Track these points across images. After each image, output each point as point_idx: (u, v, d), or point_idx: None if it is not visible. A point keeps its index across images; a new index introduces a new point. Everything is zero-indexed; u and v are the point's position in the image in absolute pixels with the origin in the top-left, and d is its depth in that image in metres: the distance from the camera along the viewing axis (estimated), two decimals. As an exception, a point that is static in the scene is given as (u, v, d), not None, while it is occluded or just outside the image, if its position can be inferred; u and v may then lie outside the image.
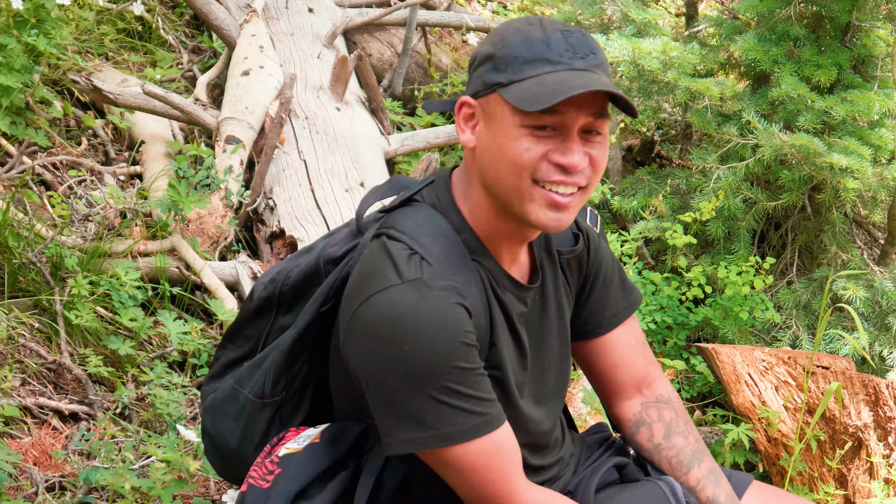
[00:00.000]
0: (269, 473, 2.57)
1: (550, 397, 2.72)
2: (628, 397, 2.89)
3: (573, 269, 2.75)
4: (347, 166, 5.04)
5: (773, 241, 5.56)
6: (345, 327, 2.42)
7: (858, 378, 4.13)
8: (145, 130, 5.34)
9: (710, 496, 2.78)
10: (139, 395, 3.85)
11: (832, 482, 4.21)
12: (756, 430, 4.25)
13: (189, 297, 4.37)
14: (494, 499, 2.45)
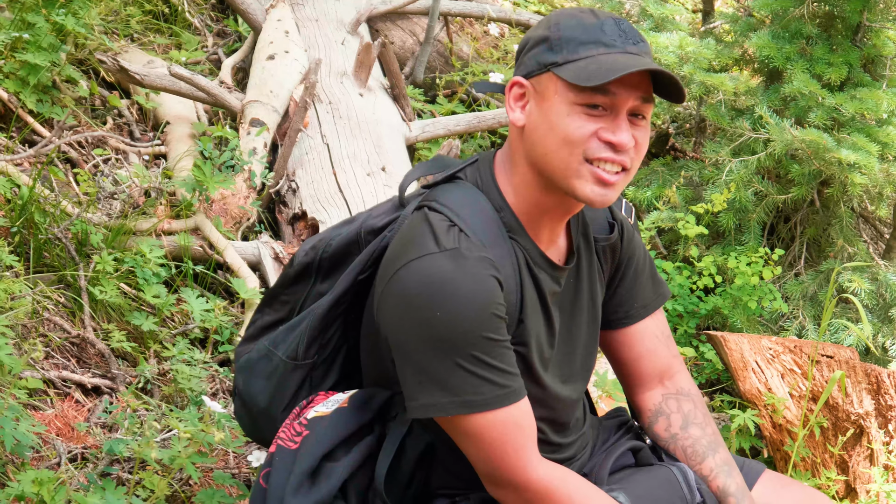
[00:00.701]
0: (297, 435, 2.65)
1: (576, 378, 2.79)
2: (650, 388, 2.95)
3: (607, 256, 2.82)
4: (369, 151, 5.13)
5: (783, 234, 5.64)
6: (380, 291, 2.51)
7: (861, 367, 4.22)
8: (170, 111, 5.42)
9: (721, 486, 2.84)
10: (161, 371, 3.92)
11: (834, 468, 4.31)
12: (762, 416, 4.34)
13: (212, 276, 4.44)
14: (508, 470, 2.52)
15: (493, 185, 2.58)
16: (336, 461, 2.63)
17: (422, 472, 2.71)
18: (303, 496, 2.57)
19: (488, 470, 2.54)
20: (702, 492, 2.82)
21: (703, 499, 2.82)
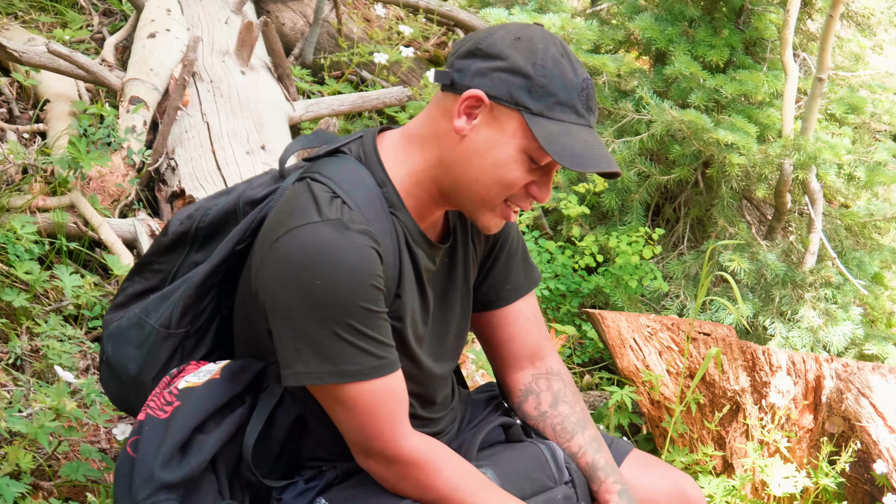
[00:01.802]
0: (167, 404, 2.62)
1: (447, 357, 2.80)
2: (521, 368, 2.96)
3: (481, 238, 2.84)
4: (249, 129, 5.10)
5: (667, 215, 5.71)
6: (259, 258, 2.51)
7: (737, 344, 4.28)
8: (51, 90, 5.33)
9: (590, 461, 2.85)
10: (33, 347, 3.87)
11: (711, 443, 4.36)
12: (640, 392, 4.38)
13: (87, 253, 4.40)
14: (380, 441, 2.53)
15: (376, 160, 2.59)
16: (207, 433, 2.61)
17: (292, 443, 2.70)
18: (172, 470, 2.55)
19: (360, 440, 2.55)
20: (570, 470, 2.84)
21: (571, 477, 2.83)
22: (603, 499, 2.82)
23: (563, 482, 2.82)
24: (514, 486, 2.71)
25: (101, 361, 2.85)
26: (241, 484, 2.68)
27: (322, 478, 2.70)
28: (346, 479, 2.70)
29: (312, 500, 2.68)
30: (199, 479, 2.59)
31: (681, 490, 3.00)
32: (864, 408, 4.03)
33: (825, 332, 5.04)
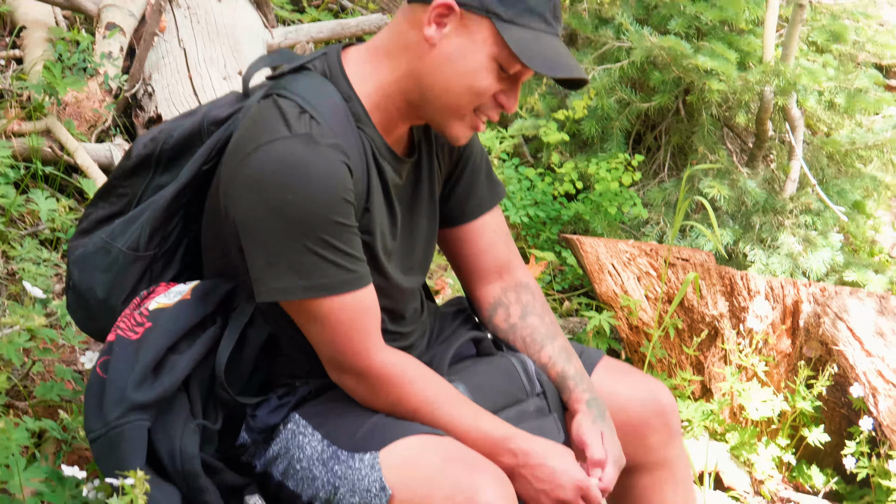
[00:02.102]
0: (138, 325, 2.62)
1: (416, 270, 2.81)
2: (489, 282, 2.95)
3: (445, 153, 2.83)
4: (227, 56, 5.06)
5: (649, 142, 5.69)
6: (228, 175, 2.50)
7: (716, 270, 4.29)
8: (27, 16, 5.27)
9: (560, 371, 2.86)
10: (9, 271, 3.86)
11: (689, 368, 4.38)
12: (618, 318, 4.39)
13: (63, 178, 4.38)
14: (352, 355, 2.55)
15: (341, 75, 2.58)
16: (180, 353, 2.61)
17: (264, 362, 2.71)
18: (146, 390, 2.55)
19: (332, 355, 2.57)
20: (541, 382, 2.85)
21: (542, 389, 2.85)
22: (573, 408, 2.83)
23: (534, 394, 2.83)
24: (486, 400, 2.72)
25: (67, 288, 2.84)
26: (214, 403, 2.68)
27: (295, 394, 2.71)
28: (319, 395, 2.71)
29: (286, 416, 2.69)
30: (171, 399, 2.59)
31: (653, 396, 3.00)
32: (841, 332, 4.05)
33: (805, 258, 5.05)
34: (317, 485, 2.64)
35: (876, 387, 3.94)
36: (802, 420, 4.25)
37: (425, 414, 2.61)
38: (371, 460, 2.56)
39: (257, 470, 2.74)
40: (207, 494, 2.58)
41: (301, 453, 2.67)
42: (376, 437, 2.58)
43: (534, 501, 2.65)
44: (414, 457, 2.55)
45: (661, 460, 3.02)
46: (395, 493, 2.53)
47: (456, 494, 2.45)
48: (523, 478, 2.62)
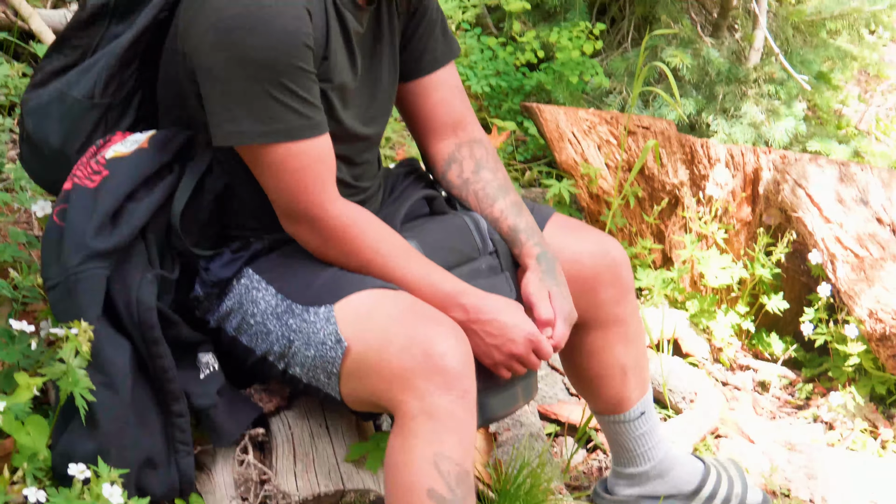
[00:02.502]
0: (95, 174, 2.63)
1: (376, 121, 2.82)
2: (443, 138, 2.96)
3: (403, 3, 2.83)
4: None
5: (612, 13, 5.62)
6: (188, 20, 2.51)
7: (676, 138, 4.27)
8: None
9: (512, 225, 2.88)
10: (-36, 140, 3.81)
11: (650, 237, 4.38)
12: (579, 186, 4.38)
13: (17, 44, 4.31)
14: (306, 203, 2.56)
15: None
16: (137, 201, 2.63)
17: (220, 212, 2.73)
18: (104, 238, 2.58)
19: (286, 203, 2.58)
20: (494, 240, 2.86)
21: (495, 247, 2.85)
22: (523, 262, 2.85)
23: (486, 252, 2.84)
24: (438, 257, 2.73)
25: (21, 140, 2.83)
26: (171, 254, 2.71)
27: (249, 248, 2.73)
28: (273, 250, 2.74)
29: (239, 270, 2.72)
30: (129, 248, 2.62)
31: (605, 251, 3.02)
32: (800, 198, 4.05)
33: (768, 127, 5.02)
34: (271, 339, 2.66)
35: (834, 253, 3.95)
36: (762, 288, 4.27)
37: (377, 267, 2.62)
38: (326, 313, 2.58)
39: (211, 325, 2.75)
40: (160, 346, 2.61)
41: (255, 308, 2.68)
42: (331, 291, 2.59)
43: (485, 356, 2.66)
44: (369, 309, 2.56)
45: (612, 317, 3.04)
46: (350, 346, 2.54)
47: (412, 346, 2.47)
48: (474, 333, 2.63)
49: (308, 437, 2.85)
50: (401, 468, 2.47)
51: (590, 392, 3.24)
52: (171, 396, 2.65)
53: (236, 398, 2.82)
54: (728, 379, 4.22)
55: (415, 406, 2.46)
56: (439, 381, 2.45)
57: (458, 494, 2.44)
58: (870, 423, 4.07)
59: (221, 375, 2.77)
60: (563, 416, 3.77)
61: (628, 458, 3.29)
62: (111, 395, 2.56)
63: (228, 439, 2.77)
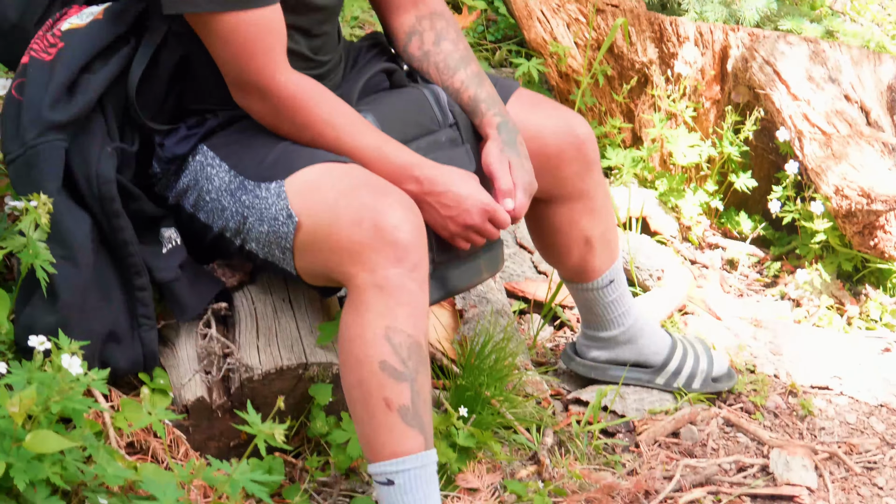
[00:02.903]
0: (51, 46, 2.63)
1: None
2: (404, 11, 2.93)
3: None
4: None
5: None
6: None
7: (645, 16, 4.23)
8: None
9: (472, 95, 2.86)
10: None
11: (619, 116, 4.37)
12: (548, 65, 4.36)
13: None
14: (256, 73, 2.56)
15: None
16: (93, 73, 2.63)
17: (176, 87, 2.72)
18: (61, 110, 2.58)
19: (235, 73, 2.59)
20: (454, 113, 2.84)
21: (455, 120, 2.84)
22: (484, 132, 2.84)
23: (447, 125, 2.83)
24: (395, 130, 2.72)
25: None
26: (130, 128, 2.71)
27: (204, 125, 2.73)
28: (228, 127, 2.73)
29: (194, 146, 2.72)
30: (88, 120, 2.62)
31: (570, 128, 3.01)
32: (768, 76, 4.03)
33: (738, 6, 4.97)
34: (226, 215, 2.66)
35: (802, 130, 3.95)
36: (730, 166, 4.27)
37: (329, 139, 2.61)
38: (277, 189, 2.58)
39: (170, 202, 2.76)
40: (121, 219, 2.62)
41: (209, 185, 2.68)
42: (282, 166, 2.59)
43: (441, 229, 2.67)
44: (319, 184, 2.56)
45: (576, 191, 3.05)
46: (301, 220, 2.55)
47: (361, 219, 2.47)
48: (429, 205, 2.63)
49: (271, 311, 2.86)
50: (354, 341, 2.48)
51: (557, 262, 3.27)
52: (132, 270, 2.66)
53: (199, 273, 2.83)
54: (696, 257, 4.24)
55: (366, 279, 2.47)
56: (390, 253, 2.46)
57: (409, 366, 2.46)
58: (836, 300, 4.10)
59: (184, 250, 2.78)
60: (529, 293, 3.79)
61: (598, 324, 3.33)
62: (71, 267, 2.57)
63: (191, 313, 2.79)
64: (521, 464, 3.10)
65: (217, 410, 2.76)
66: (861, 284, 4.16)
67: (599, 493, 3.01)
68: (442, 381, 3.20)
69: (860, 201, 3.82)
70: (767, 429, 3.46)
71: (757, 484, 3.22)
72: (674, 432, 3.37)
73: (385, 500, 2.50)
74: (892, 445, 3.47)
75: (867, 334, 4.01)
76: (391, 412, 2.45)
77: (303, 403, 2.86)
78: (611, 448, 3.29)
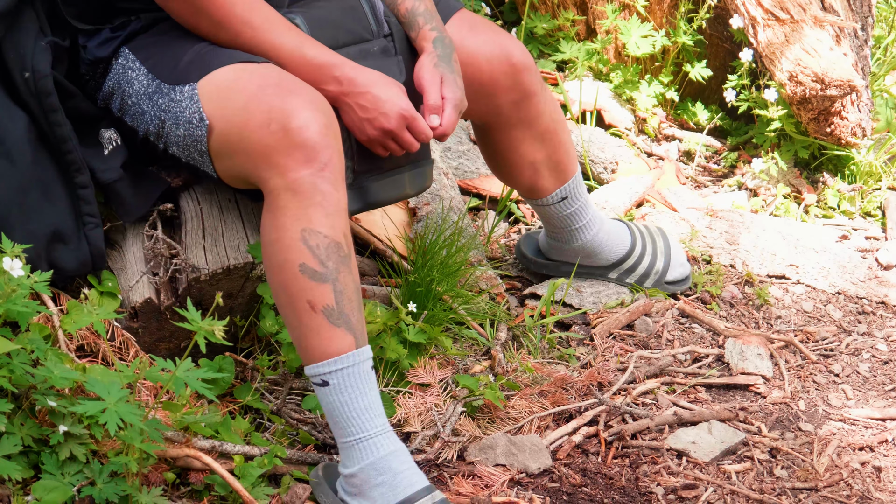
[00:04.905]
0: None
1: None
2: None
3: None
4: None
5: None
6: None
7: None
8: None
9: (410, 8, 2.80)
10: None
11: (573, 8, 4.31)
12: (499, -42, 4.29)
13: None
14: None
15: None
16: None
17: None
18: None
19: None
20: (390, 24, 2.79)
21: (390, 31, 2.79)
22: (419, 46, 2.79)
23: (380, 35, 2.78)
24: (326, 35, 2.67)
25: None
26: (59, 25, 2.67)
27: (127, 28, 2.69)
28: (149, 29, 2.70)
29: (116, 49, 2.68)
30: (19, 14, 2.58)
31: (504, 54, 2.97)
32: (721, -38, 3.98)
33: None
34: (146, 119, 2.64)
35: (755, 17, 3.90)
36: (685, 56, 4.23)
37: (247, 38, 2.57)
38: (190, 92, 2.55)
39: (99, 104, 2.73)
40: (58, 114, 2.59)
41: (130, 88, 2.66)
42: (196, 68, 2.56)
43: (359, 132, 2.64)
44: (230, 85, 2.52)
45: (514, 120, 3.04)
46: (212, 124, 2.52)
47: (270, 121, 2.44)
48: (348, 106, 2.60)
49: (217, 211, 2.84)
50: (273, 245, 2.47)
51: (507, 181, 3.31)
52: (73, 167, 2.63)
53: (142, 173, 2.80)
54: (653, 149, 4.22)
55: (278, 183, 2.45)
56: (299, 155, 2.43)
57: (329, 267, 2.44)
58: (793, 189, 4.10)
59: (125, 150, 2.74)
60: (484, 190, 3.77)
61: (558, 235, 3.33)
62: (8, 164, 2.55)
63: (136, 214, 2.77)
64: (475, 359, 3.10)
65: (165, 312, 2.74)
66: (818, 172, 4.16)
67: (552, 386, 3.02)
68: (394, 278, 3.18)
69: (814, 87, 3.80)
70: (723, 319, 3.46)
71: (712, 374, 3.23)
72: (628, 324, 3.37)
73: (323, 400, 2.50)
74: (848, 333, 3.49)
75: (825, 222, 4.01)
76: (316, 314, 2.44)
77: (252, 303, 2.85)
78: (565, 341, 3.29)
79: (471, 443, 2.84)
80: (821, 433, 3.05)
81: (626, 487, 2.79)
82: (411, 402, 2.87)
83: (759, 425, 3.05)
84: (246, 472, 2.54)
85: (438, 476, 2.75)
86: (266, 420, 2.83)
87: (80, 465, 2.35)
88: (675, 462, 2.90)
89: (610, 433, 2.94)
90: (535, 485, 2.77)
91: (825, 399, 3.21)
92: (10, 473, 2.23)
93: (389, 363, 2.89)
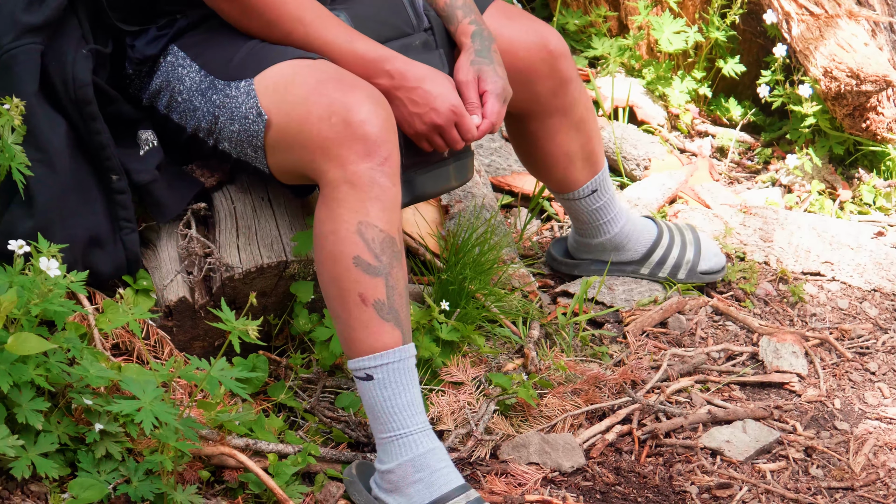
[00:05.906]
0: None
1: None
2: None
3: None
4: None
5: None
6: None
7: None
8: None
9: (448, 1, 2.83)
10: None
11: (605, 4, 4.30)
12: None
13: None
14: None
15: None
16: None
17: None
18: (35, 12, 2.57)
19: None
20: (430, 18, 2.81)
21: (430, 24, 2.81)
22: (458, 40, 2.81)
23: (421, 29, 2.80)
24: (369, 30, 2.70)
25: None
26: (103, 30, 2.69)
27: (174, 26, 2.71)
28: (198, 27, 2.71)
29: (165, 47, 2.71)
30: (62, 23, 2.60)
31: (542, 41, 2.98)
32: (755, -42, 3.97)
33: None
34: (198, 115, 2.65)
35: (789, 12, 3.88)
36: (718, 52, 4.22)
37: (299, 36, 2.59)
38: (247, 87, 2.56)
39: (144, 104, 2.75)
40: (98, 122, 2.62)
41: (181, 85, 2.67)
42: (251, 64, 2.58)
43: (408, 126, 2.65)
44: (288, 80, 2.54)
45: (551, 108, 3.05)
46: (271, 118, 2.53)
47: (331, 115, 2.45)
48: (398, 100, 2.62)
49: (250, 210, 2.85)
50: (328, 237, 2.47)
51: (539, 174, 3.30)
52: (110, 173, 2.66)
53: (177, 174, 2.82)
54: (686, 145, 4.20)
55: (337, 175, 2.46)
56: (359, 148, 2.44)
57: (383, 261, 2.45)
58: (828, 185, 4.07)
59: (161, 151, 2.77)
60: (516, 187, 3.77)
61: (585, 230, 3.33)
62: (48, 171, 2.57)
63: (170, 214, 2.78)
64: (507, 357, 3.10)
65: (199, 310, 2.76)
66: (854, 168, 4.13)
67: (585, 385, 3.02)
68: (427, 276, 3.19)
69: (849, 82, 3.77)
70: (757, 316, 3.45)
71: (746, 372, 3.22)
72: (662, 322, 3.36)
73: (365, 394, 2.50)
74: (884, 330, 3.46)
75: (860, 218, 3.98)
76: (367, 307, 2.44)
77: (286, 302, 2.86)
78: (598, 339, 3.28)
79: (504, 441, 2.85)
80: (857, 432, 3.04)
81: (660, 486, 2.78)
82: (444, 401, 2.87)
83: (794, 424, 3.03)
84: (280, 471, 2.55)
85: (472, 474, 2.75)
86: (300, 418, 2.84)
87: (115, 463, 2.37)
88: (710, 461, 2.89)
89: (643, 432, 2.94)
90: (569, 483, 2.77)
91: (861, 397, 3.19)
92: (46, 471, 2.26)
93: (422, 361, 2.89)
